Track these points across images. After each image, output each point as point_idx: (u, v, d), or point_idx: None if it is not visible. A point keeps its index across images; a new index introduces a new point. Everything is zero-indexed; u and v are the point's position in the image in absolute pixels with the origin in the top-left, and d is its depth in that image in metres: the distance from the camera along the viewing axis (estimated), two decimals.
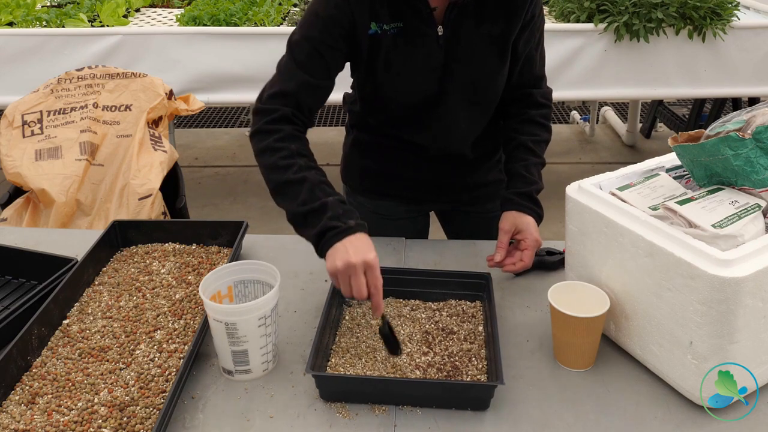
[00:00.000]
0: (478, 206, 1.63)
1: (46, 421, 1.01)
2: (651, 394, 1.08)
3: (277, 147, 1.25)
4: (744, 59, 3.20)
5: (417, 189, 1.58)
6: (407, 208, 1.64)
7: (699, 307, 0.96)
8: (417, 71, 1.35)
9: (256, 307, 1.07)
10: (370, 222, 1.60)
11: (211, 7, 3.39)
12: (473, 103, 1.43)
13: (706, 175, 1.12)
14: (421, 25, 1.31)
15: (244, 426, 1.03)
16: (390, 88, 1.39)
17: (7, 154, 2.43)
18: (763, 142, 1.04)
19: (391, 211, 1.62)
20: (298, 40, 1.31)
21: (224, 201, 3.94)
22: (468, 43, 1.34)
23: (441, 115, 1.41)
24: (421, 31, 1.31)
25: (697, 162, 1.12)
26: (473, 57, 1.35)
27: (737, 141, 1.04)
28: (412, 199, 1.61)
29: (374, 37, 1.31)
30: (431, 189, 1.58)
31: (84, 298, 1.30)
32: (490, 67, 1.38)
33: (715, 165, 1.09)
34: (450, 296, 1.29)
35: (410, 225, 1.67)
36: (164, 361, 1.13)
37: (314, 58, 1.29)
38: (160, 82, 2.61)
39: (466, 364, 1.12)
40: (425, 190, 1.58)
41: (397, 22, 1.30)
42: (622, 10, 3.12)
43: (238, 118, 5.26)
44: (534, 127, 1.46)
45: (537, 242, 1.35)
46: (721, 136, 1.06)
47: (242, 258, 1.44)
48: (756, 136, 1.04)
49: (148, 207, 2.33)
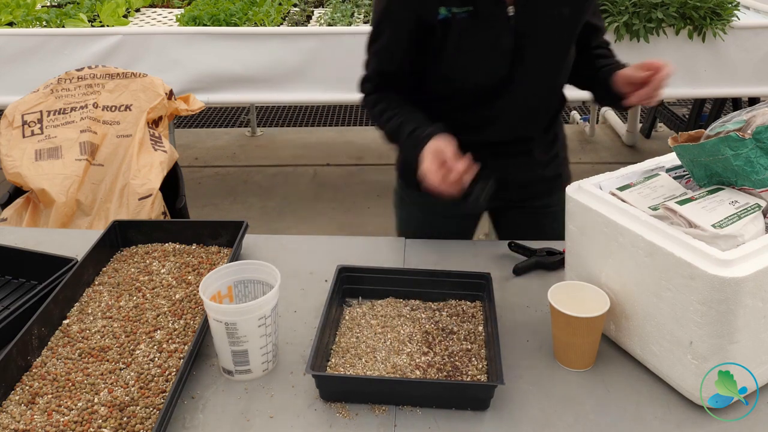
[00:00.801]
0: (535, 201, 1.62)
1: (46, 421, 1.01)
2: (651, 394, 1.08)
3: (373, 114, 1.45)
4: (744, 59, 3.20)
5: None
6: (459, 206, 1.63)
7: (699, 307, 0.97)
8: (488, 53, 1.37)
9: (256, 307, 1.07)
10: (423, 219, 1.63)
11: (211, 7, 3.40)
12: (542, 84, 1.45)
13: (706, 175, 1.12)
14: (492, 6, 1.32)
15: (244, 426, 1.03)
16: (461, 71, 1.40)
17: (7, 154, 2.43)
18: (763, 142, 1.04)
19: (446, 209, 1.60)
20: (373, 29, 1.40)
21: (224, 201, 3.94)
22: (539, 24, 1.35)
23: (510, 98, 1.42)
24: (491, 13, 1.33)
25: (697, 162, 1.12)
26: (544, 38, 1.37)
27: (737, 141, 1.04)
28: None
29: (445, 21, 1.32)
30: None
31: (84, 298, 1.30)
32: (561, 48, 1.41)
33: (715, 165, 1.09)
34: (450, 296, 1.29)
35: (462, 224, 1.67)
36: (164, 361, 1.13)
37: (394, 44, 1.38)
38: (160, 82, 2.61)
39: (466, 364, 1.12)
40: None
41: (468, 6, 1.31)
42: (622, 10, 3.12)
43: (238, 118, 5.26)
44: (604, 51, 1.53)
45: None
46: (721, 136, 1.06)
47: (242, 258, 1.44)
48: (756, 136, 1.04)
49: (148, 207, 2.33)
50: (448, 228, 1.60)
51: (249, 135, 4.94)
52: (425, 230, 1.58)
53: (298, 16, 3.71)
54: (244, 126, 5.08)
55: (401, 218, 1.71)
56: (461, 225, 1.67)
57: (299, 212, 3.78)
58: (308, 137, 4.88)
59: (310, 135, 4.93)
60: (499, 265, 1.42)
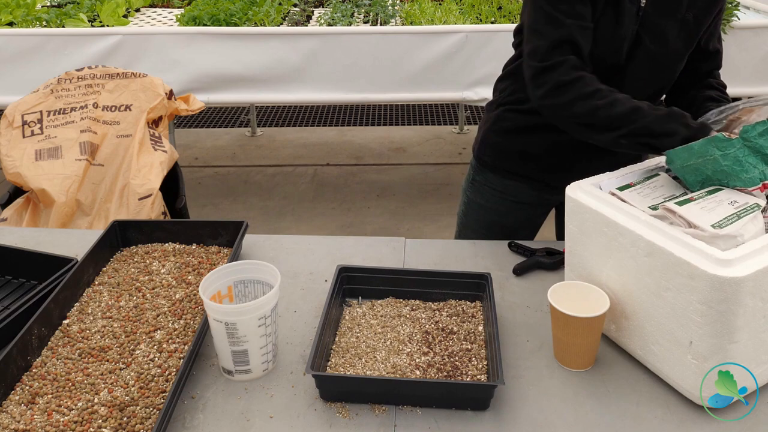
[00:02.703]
0: None
1: (46, 421, 1.01)
2: (651, 394, 1.08)
3: (589, 92, 1.29)
4: (744, 59, 3.20)
5: (554, 173, 1.58)
6: (537, 193, 1.64)
7: (699, 307, 0.97)
8: (611, 36, 1.36)
9: (256, 307, 1.07)
10: (495, 200, 1.59)
11: (211, 7, 3.40)
12: (650, 81, 1.44)
13: (697, 181, 1.13)
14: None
15: (244, 426, 1.03)
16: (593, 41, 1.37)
17: (7, 154, 2.43)
18: (750, 141, 1.06)
19: (519, 194, 1.63)
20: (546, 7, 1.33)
21: (224, 201, 3.94)
22: (662, 20, 1.36)
23: (617, 87, 1.40)
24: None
25: (687, 167, 1.12)
26: (663, 36, 1.37)
27: (724, 141, 1.06)
28: (545, 185, 1.61)
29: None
30: (568, 175, 1.49)
31: (84, 298, 1.30)
32: (675, 50, 1.40)
33: (704, 167, 1.10)
34: (450, 296, 1.29)
35: (533, 212, 1.68)
36: (164, 361, 1.13)
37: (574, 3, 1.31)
38: (160, 82, 2.61)
39: (466, 364, 1.12)
40: (561, 177, 1.50)
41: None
42: None
43: (238, 118, 5.26)
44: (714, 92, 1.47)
45: None
46: (708, 138, 1.08)
47: (242, 258, 1.45)
48: (743, 135, 1.06)
49: (148, 207, 2.33)
50: (516, 215, 1.63)
51: (249, 135, 4.94)
52: (490, 216, 1.60)
53: (298, 16, 3.71)
54: (244, 126, 5.08)
55: (469, 200, 1.72)
56: (529, 212, 1.68)
57: (299, 212, 3.78)
58: (308, 137, 4.88)
59: (310, 135, 4.93)
60: (499, 265, 1.42)
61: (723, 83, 1.52)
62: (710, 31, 1.45)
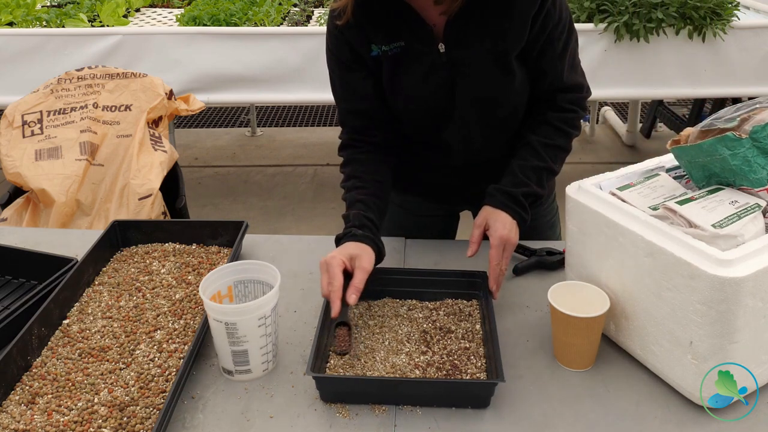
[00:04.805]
0: None
1: (46, 421, 1.01)
2: (651, 394, 1.08)
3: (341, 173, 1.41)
4: (744, 59, 3.21)
5: (443, 192, 1.57)
6: (435, 206, 1.63)
7: (699, 307, 0.96)
8: (423, 90, 1.34)
9: (256, 307, 1.07)
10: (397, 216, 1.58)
11: (211, 7, 3.40)
12: (486, 120, 1.39)
13: (704, 177, 1.12)
14: (421, 44, 1.29)
15: (244, 426, 1.03)
16: (400, 107, 1.38)
17: (7, 154, 2.43)
18: (759, 141, 1.05)
19: (417, 207, 1.62)
20: (330, 73, 1.40)
21: (224, 201, 3.94)
22: (470, 59, 1.30)
23: (455, 133, 1.40)
24: (422, 50, 1.30)
25: (695, 163, 1.12)
26: (477, 73, 1.32)
27: (734, 141, 1.05)
28: (439, 199, 1.60)
29: (378, 58, 1.32)
30: (458, 193, 1.56)
31: (84, 298, 1.30)
32: (496, 83, 1.34)
33: (713, 165, 1.09)
34: (446, 295, 1.29)
35: (436, 223, 1.66)
36: (164, 361, 1.13)
37: (344, 86, 1.38)
38: (160, 82, 2.61)
39: (465, 362, 1.12)
40: (452, 194, 1.57)
41: (398, 41, 1.29)
42: (622, 10, 3.12)
43: (238, 118, 5.26)
44: (548, 130, 1.38)
45: (503, 239, 1.26)
46: (718, 137, 1.06)
47: (242, 258, 1.44)
48: (753, 135, 1.05)
49: (148, 207, 2.33)
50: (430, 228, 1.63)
51: (249, 135, 4.94)
52: (405, 227, 1.59)
53: (298, 16, 3.71)
54: (244, 126, 5.08)
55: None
56: (435, 224, 1.66)
57: (299, 212, 3.78)
58: (308, 137, 4.88)
59: (310, 135, 4.93)
60: None
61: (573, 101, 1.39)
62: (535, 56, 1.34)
